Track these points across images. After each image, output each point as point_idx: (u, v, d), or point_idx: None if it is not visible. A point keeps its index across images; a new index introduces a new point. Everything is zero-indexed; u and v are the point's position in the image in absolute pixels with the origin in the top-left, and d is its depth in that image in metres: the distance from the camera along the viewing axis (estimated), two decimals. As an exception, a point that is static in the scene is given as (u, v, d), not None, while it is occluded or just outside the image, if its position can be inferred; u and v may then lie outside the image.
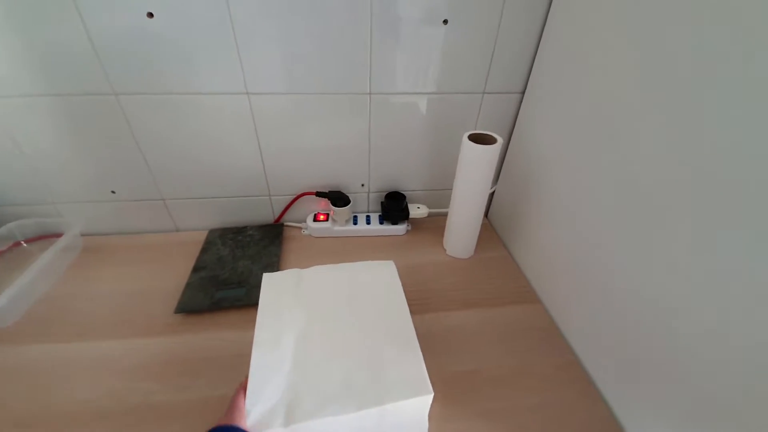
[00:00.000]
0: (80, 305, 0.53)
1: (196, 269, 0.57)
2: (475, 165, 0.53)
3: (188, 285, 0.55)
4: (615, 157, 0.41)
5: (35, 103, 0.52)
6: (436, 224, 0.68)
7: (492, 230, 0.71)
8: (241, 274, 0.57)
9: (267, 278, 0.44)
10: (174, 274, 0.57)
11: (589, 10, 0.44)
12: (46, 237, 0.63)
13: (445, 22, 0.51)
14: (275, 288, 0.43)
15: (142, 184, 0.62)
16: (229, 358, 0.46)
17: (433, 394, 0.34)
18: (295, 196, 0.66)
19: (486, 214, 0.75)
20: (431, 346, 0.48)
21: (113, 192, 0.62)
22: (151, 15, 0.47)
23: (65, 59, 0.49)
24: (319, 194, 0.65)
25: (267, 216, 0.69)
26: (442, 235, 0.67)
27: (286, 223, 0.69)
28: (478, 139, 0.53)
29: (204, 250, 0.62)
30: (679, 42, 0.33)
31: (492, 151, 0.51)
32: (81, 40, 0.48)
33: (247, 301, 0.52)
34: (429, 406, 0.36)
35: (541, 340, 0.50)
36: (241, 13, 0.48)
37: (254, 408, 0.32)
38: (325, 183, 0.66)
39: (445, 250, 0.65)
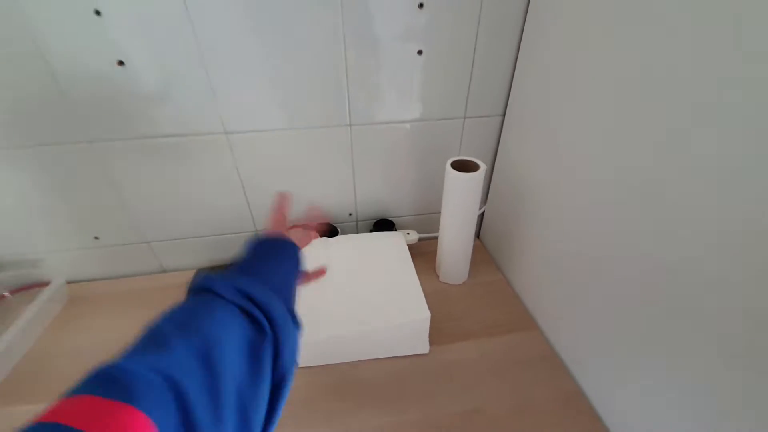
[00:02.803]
0: (65, 361, 0.51)
1: (182, 314, 0.56)
2: (459, 193, 0.52)
3: (175, 332, 0.53)
4: (594, 172, 0.40)
5: (11, 155, 0.51)
6: (427, 249, 0.67)
7: (485, 251, 0.70)
8: (229, 317, 0.55)
9: None
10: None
11: (558, 36, 0.44)
12: (31, 287, 0.62)
13: (420, 52, 0.51)
14: (308, 253, 0.57)
15: (125, 228, 0.61)
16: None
17: (429, 315, 0.47)
18: (282, 231, 0.65)
19: (478, 235, 0.74)
20: (430, 386, 0.47)
21: (96, 238, 0.61)
22: (121, 63, 0.46)
23: (37, 111, 0.49)
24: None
25: (255, 251, 0.68)
26: (434, 260, 0.65)
27: (275, 258, 0.68)
28: (461, 166, 0.52)
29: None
30: (638, 63, 0.32)
31: (475, 179, 0.50)
32: (51, 91, 0.47)
33: (235, 347, 0.50)
34: (428, 326, 0.48)
35: (543, 372, 0.48)
36: (214, 58, 0.48)
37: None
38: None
39: (438, 276, 0.63)
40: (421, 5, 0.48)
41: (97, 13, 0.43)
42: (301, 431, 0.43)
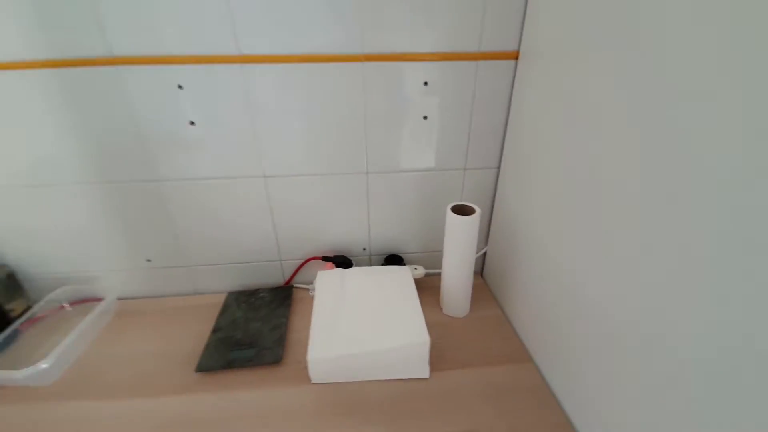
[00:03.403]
0: (112, 366, 0.60)
1: (214, 331, 0.64)
2: (458, 234, 0.60)
3: (207, 346, 0.61)
4: (577, 215, 0.47)
5: (89, 188, 0.64)
6: (432, 284, 0.73)
7: (487, 289, 0.75)
8: (252, 335, 0.63)
9: (320, 275, 0.67)
10: (195, 335, 0.64)
11: (536, 106, 0.54)
12: (87, 301, 0.72)
13: (425, 117, 0.62)
14: (326, 282, 0.66)
15: (173, 253, 0.71)
16: (241, 420, 0.50)
17: (429, 339, 0.54)
18: (303, 261, 0.74)
19: (481, 274, 0.80)
20: (429, 407, 0.51)
21: (148, 260, 0.72)
22: (192, 123, 0.60)
23: (119, 155, 0.62)
24: (324, 258, 0.73)
25: (278, 279, 0.76)
26: (438, 294, 0.71)
27: (295, 285, 0.76)
28: (460, 210, 0.60)
29: (222, 312, 0.69)
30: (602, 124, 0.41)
31: (471, 222, 0.58)
32: (134, 143, 0.61)
33: (257, 361, 0.57)
34: (428, 351, 0.54)
35: (534, 401, 0.52)
36: (264, 123, 0.61)
37: (315, 352, 0.53)
38: (330, 248, 0.74)
39: (441, 309, 0.69)
40: (425, 83, 0.60)
41: (180, 87, 0.57)
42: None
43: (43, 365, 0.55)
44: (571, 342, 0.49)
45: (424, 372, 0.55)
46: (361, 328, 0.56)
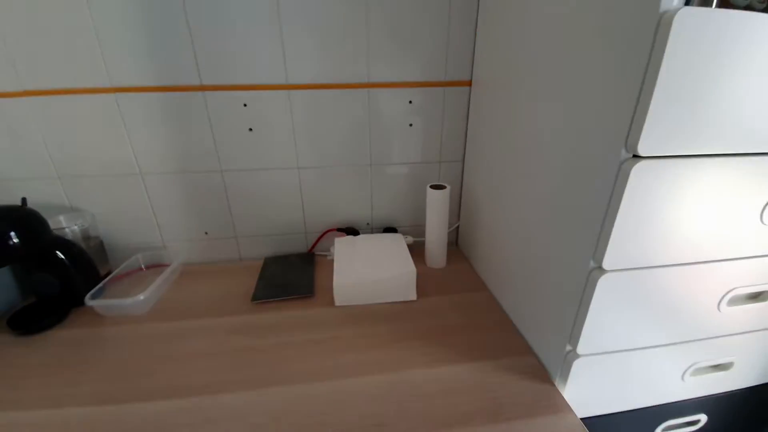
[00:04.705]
0: (187, 302, 0.82)
1: (260, 278, 0.87)
2: (435, 204, 0.86)
3: (257, 287, 0.84)
4: (516, 193, 0.74)
5: (168, 178, 0.89)
6: (419, 249, 0.98)
7: (461, 253, 1.01)
8: (290, 281, 0.87)
9: (337, 240, 0.91)
10: (245, 284, 0.87)
11: (483, 117, 0.82)
12: (158, 266, 0.95)
13: (411, 125, 0.91)
14: (342, 244, 0.91)
15: (225, 227, 0.95)
16: (287, 327, 0.74)
17: (415, 270, 0.78)
18: (323, 232, 0.99)
19: (456, 243, 1.06)
20: (416, 315, 0.75)
21: (206, 233, 0.96)
22: (251, 129, 0.87)
23: (197, 153, 0.87)
24: (339, 230, 0.98)
25: (303, 247, 1.01)
26: (423, 255, 0.96)
27: (316, 253, 1.00)
28: (436, 187, 0.87)
29: (263, 268, 0.92)
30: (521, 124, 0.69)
31: (443, 194, 0.85)
32: (209, 143, 0.87)
33: (296, 293, 0.81)
34: (414, 278, 0.78)
35: (487, 310, 0.77)
36: (300, 130, 0.88)
37: (340, 279, 0.77)
38: (343, 222, 0.99)
39: (425, 263, 0.94)
40: (410, 102, 0.88)
41: (245, 105, 0.84)
42: (336, 331, 0.72)
43: (141, 296, 0.78)
44: (510, 274, 0.75)
45: (412, 295, 0.80)
46: (369, 266, 0.81)
